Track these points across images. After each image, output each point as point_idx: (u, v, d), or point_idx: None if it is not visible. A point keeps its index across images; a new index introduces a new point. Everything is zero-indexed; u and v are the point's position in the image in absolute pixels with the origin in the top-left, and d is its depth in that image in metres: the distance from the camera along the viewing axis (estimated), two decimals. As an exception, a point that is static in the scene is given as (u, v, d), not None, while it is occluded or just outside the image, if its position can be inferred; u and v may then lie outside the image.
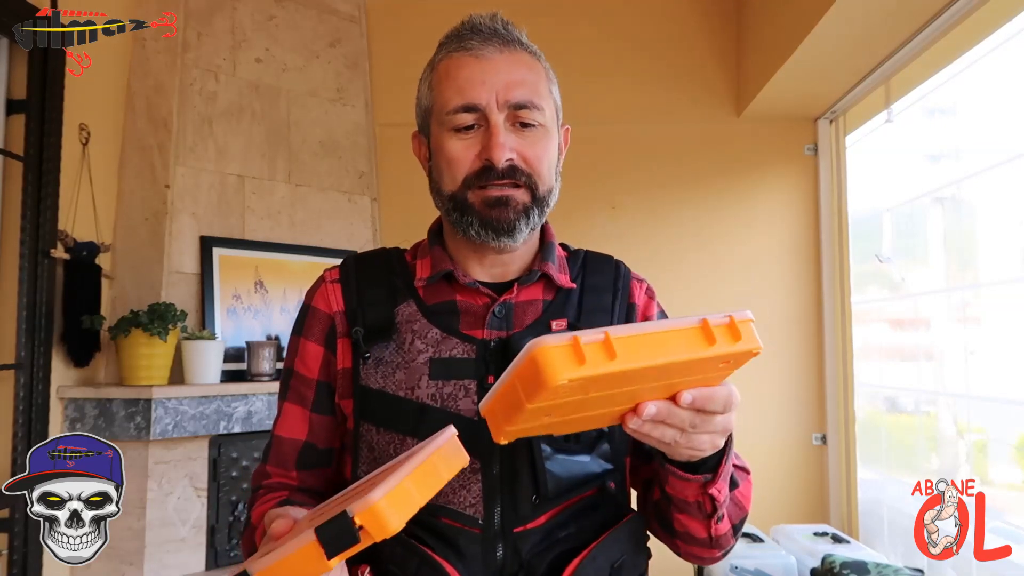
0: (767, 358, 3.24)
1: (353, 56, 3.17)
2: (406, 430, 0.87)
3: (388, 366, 0.89)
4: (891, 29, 2.45)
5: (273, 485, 0.95)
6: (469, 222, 0.90)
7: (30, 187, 2.18)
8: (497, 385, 0.64)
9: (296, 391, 0.96)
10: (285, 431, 0.96)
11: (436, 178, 0.94)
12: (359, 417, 0.90)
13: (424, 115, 0.97)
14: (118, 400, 2.32)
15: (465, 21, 0.93)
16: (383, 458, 0.88)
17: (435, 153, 0.94)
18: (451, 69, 0.91)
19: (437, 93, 0.93)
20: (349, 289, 0.95)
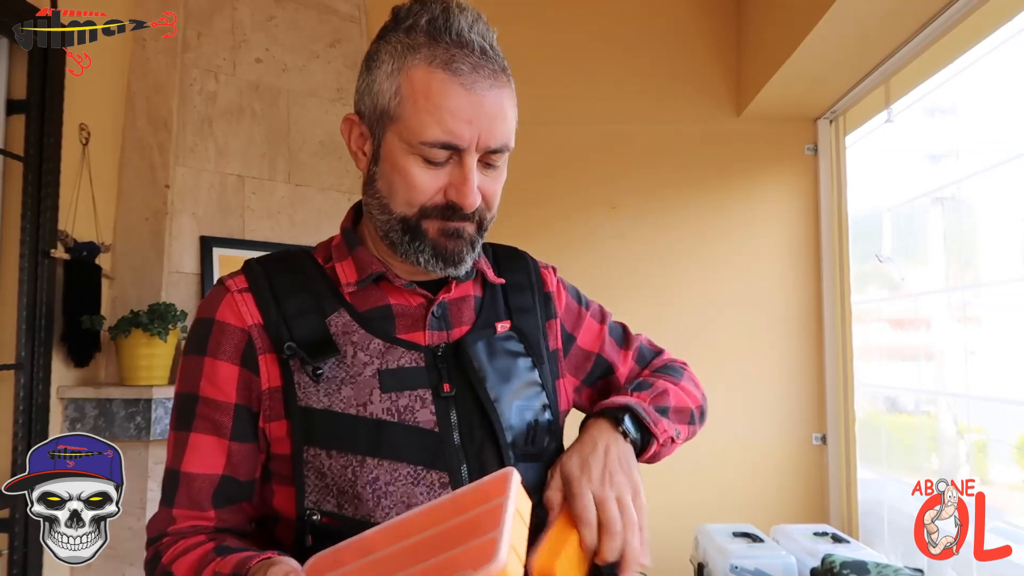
0: (767, 358, 3.26)
1: (353, 56, 3.17)
2: (364, 450, 0.80)
3: (331, 383, 0.81)
4: (891, 29, 2.45)
5: (184, 530, 0.82)
6: (420, 248, 0.84)
7: (30, 187, 2.18)
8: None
9: (207, 419, 0.83)
10: (196, 466, 0.83)
11: (383, 191, 0.84)
12: (302, 441, 0.81)
13: (379, 114, 0.82)
14: (118, 400, 2.32)
15: (447, 22, 0.81)
16: (340, 484, 0.80)
17: (389, 167, 0.83)
18: (434, 91, 0.79)
19: (411, 109, 0.80)
20: (263, 299, 0.84)
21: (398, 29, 0.83)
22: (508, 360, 0.90)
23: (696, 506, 3.07)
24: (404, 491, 0.80)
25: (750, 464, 3.20)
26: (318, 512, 0.80)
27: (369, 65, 0.84)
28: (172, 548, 0.81)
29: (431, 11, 0.81)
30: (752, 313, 3.28)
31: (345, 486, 0.80)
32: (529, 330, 0.95)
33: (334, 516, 0.80)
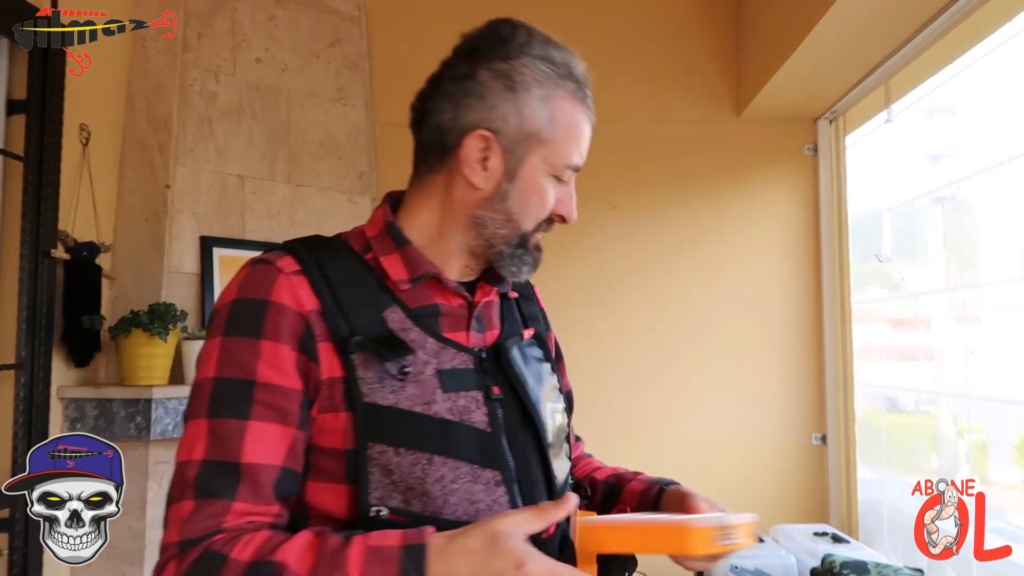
0: (767, 358, 3.26)
1: (353, 56, 3.17)
2: (433, 449, 0.81)
3: (392, 381, 0.81)
4: (891, 29, 2.46)
5: (243, 527, 0.76)
6: (525, 261, 0.90)
7: (30, 187, 2.18)
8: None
9: (269, 406, 0.79)
10: (259, 456, 0.77)
11: (515, 207, 0.88)
12: (367, 438, 0.80)
13: (524, 135, 0.87)
14: (118, 400, 2.32)
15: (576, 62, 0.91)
16: (407, 481, 0.80)
17: (527, 186, 0.88)
18: (577, 122, 0.90)
19: (562, 135, 0.88)
20: (318, 284, 0.83)
21: (531, 55, 0.88)
22: (536, 365, 0.95)
23: (696, 506, 3.07)
24: (466, 488, 0.82)
25: (750, 464, 3.20)
26: (385, 508, 0.79)
27: (512, 86, 0.87)
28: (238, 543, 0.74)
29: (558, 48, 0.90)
30: (752, 313, 3.28)
31: (413, 483, 0.80)
32: (543, 336, 1.02)
33: (401, 512, 0.80)
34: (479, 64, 0.88)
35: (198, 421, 0.79)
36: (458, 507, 0.81)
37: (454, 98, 0.87)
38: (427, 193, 0.91)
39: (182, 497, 0.76)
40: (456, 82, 0.88)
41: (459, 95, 0.87)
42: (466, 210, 0.89)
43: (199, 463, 0.77)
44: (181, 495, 0.76)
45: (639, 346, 3.27)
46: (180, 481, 0.77)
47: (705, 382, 3.24)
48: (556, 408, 0.95)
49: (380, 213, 0.93)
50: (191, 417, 0.80)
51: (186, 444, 0.79)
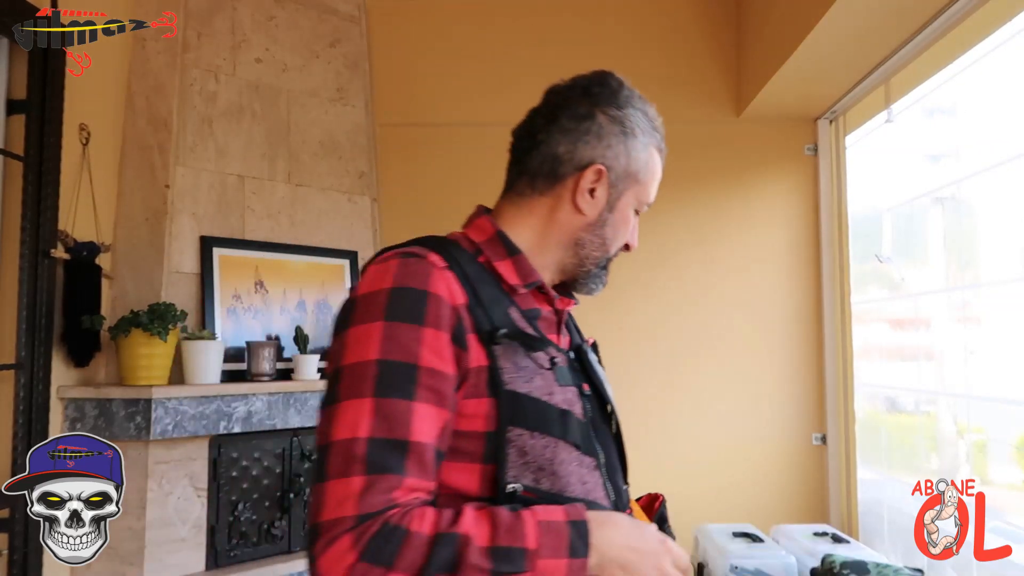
0: (767, 358, 3.26)
1: (353, 56, 3.17)
2: (557, 433, 0.91)
3: (526, 372, 0.91)
4: (891, 29, 2.46)
5: (412, 503, 0.81)
6: (602, 280, 1.06)
7: (30, 187, 2.18)
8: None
9: (431, 389, 0.84)
10: (424, 435, 0.82)
11: (609, 234, 1.03)
12: (508, 421, 0.88)
13: (627, 175, 1.01)
14: (118, 400, 2.32)
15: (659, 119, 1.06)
16: (539, 461, 0.89)
17: (620, 217, 1.03)
18: (659, 169, 1.06)
19: (649, 178, 1.04)
20: (464, 280, 0.91)
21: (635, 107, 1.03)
22: (600, 369, 1.09)
23: (696, 506, 3.07)
24: (579, 471, 0.93)
25: (750, 464, 3.20)
26: (519, 484, 0.87)
27: (625, 131, 1.01)
28: (414, 517, 0.78)
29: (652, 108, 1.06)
30: (752, 313, 3.28)
31: (544, 464, 0.89)
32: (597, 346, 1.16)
33: (532, 489, 0.88)
34: (596, 108, 1.01)
35: (362, 400, 0.82)
36: (576, 487, 0.91)
37: (572, 134, 1.00)
38: (529, 212, 1.01)
39: (349, 472, 0.78)
40: (575, 120, 1.00)
41: (578, 132, 1.00)
42: (569, 232, 1.01)
43: (367, 440, 0.80)
44: (348, 471, 0.78)
45: (639, 346, 3.27)
46: (345, 456, 0.79)
47: (705, 382, 3.24)
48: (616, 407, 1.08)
49: (486, 221, 1.01)
50: (350, 396, 0.82)
51: (346, 420, 0.81)
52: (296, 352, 2.72)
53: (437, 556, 0.76)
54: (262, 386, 2.54)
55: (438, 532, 0.78)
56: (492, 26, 3.36)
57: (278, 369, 2.67)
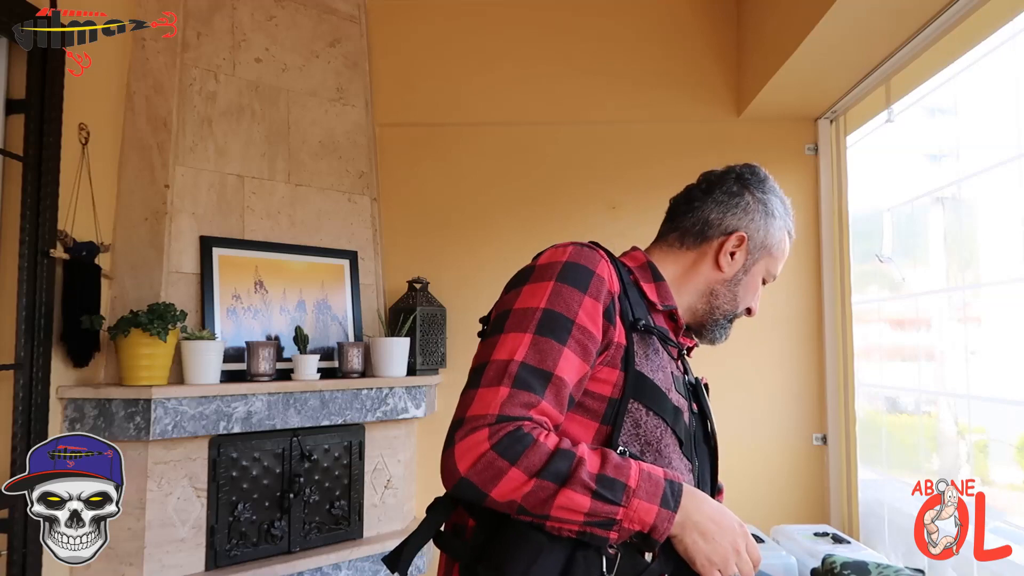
0: (767, 358, 3.25)
1: (353, 56, 3.17)
2: (669, 421, 1.05)
3: (652, 363, 1.06)
4: (891, 29, 2.45)
5: (543, 423, 0.95)
6: (725, 333, 1.22)
7: (30, 187, 2.18)
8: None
9: (579, 342, 0.99)
10: (566, 373, 0.97)
11: (740, 293, 1.20)
12: (631, 394, 1.02)
13: (763, 246, 1.21)
14: (118, 400, 2.32)
15: (791, 209, 1.27)
16: (648, 436, 1.03)
17: (751, 281, 1.21)
18: (786, 248, 1.25)
19: (777, 253, 1.23)
20: (620, 277, 1.09)
21: (777, 195, 1.25)
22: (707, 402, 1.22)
23: (696, 506, 3.07)
24: (678, 463, 1.07)
25: (750, 464, 3.20)
26: (627, 451, 0.99)
27: (767, 212, 1.22)
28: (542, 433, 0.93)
29: (786, 201, 1.27)
30: (752, 313, 3.28)
31: (652, 440, 1.04)
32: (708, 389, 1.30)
33: (636, 458, 0.98)
34: (746, 189, 1.23)
35: (523, 334, 0.98)
36: (673, 471, 1.02)
37: (723, 206, 1.22)
38: (674, 260, 1.22)
39: (499, 383, 0.94)
40: (727, 195, 1.23)
41: (728, 205, 1.22)
42: (706, 283, 1.20)
43: (520, 363, 0.96)
44: (498, 381, 0.94)
45: (639, 346, 3.27)
46: (498, 371, 0.95)
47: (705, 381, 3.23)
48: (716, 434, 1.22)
49: (639, 253, 1.22)
50: (514, 330, 0.99)
51: (507, 346, 0.97)
52: (296, 352, 2.72)
53: (553, 465, 0.90)
54: (262, 386, 2.54)
55: (558, 448, 0.92)
56: (492, 26, 3.36)
57: (278, 369, 2.67)
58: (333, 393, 2.73)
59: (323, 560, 2.67)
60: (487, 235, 3.27)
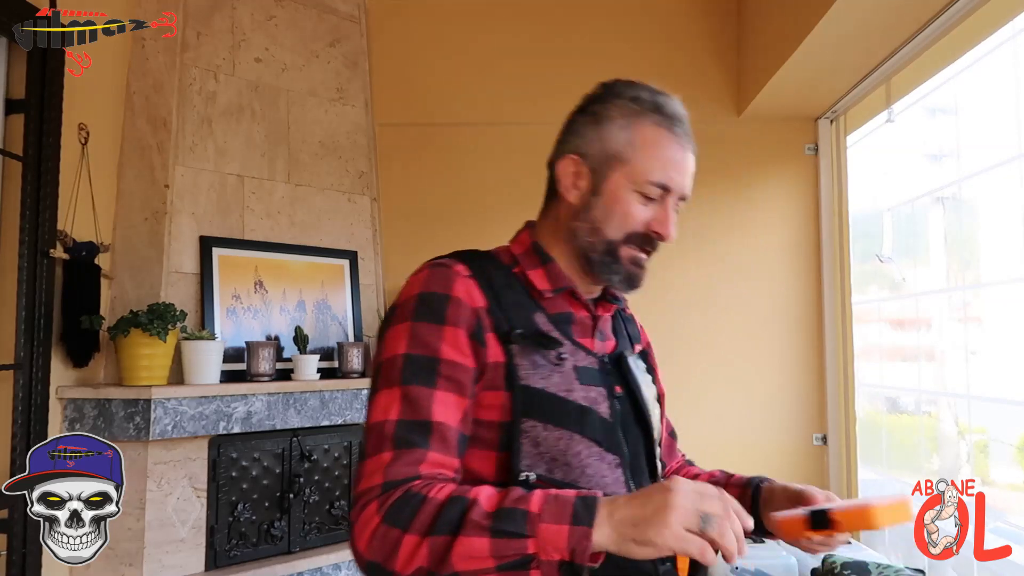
0: (767, 358, 3.25)
1: (353, 56, 3.17)
2: (573, 427, 0.96)
3: (543, 369, 0.98)
4: (891, 29, 2.45)
5: (436, 476, 0.89)
6: (615, 270, 1.05)
7: (29, 187, 2.18)
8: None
9: (449, 378, 0.93)
10: (445, 417, 0.91)
11: (599, 218, 1.04)
12: (521, 413, 0.95)
13: (606, 156, 1.04)
14: (117, 400, 2.32)
15: (667, 101, 1.06)
16: (552, 452, 0.95)
17: (610, 200, 1.04)
18: (660, 143, 1.04)
19: (640, 154, 1.02)
20: (485, 287, 1.00)
21: (621, 97, 1.07)
22: (644, 375, 1.12)
23: (696, 506, 3.07)
24: (597, 465, 0.97)
25: (750, 464, 3.19)
26: (532, 474, 0.93)
27: (597, 120, 1.06)
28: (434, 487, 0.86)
29: (651, 91, 1.07)
30: (752, 313, 3.28)
31: (557, 455, 0.95)
32: (647, 353, 1.20)
33: (545, 479, 0.93)
34: (575, 113, 1.11)
35: (392, 389, 0.93)
36: (591, 480, 0.96)
37: (558, 141, 1.10)
38: (547, 217, 1.10)
39: (381, 449, 0.89)
40: (562, 132, 1.10)
41: (561, 136, 1.10)
42: (565, 226, 1.07)
43: (395, 421, 0.90)
44: (380, 448, 0.89)
45: (639, 346, 3.27)
46: (378, 437, 0.90)
47: (705, 382, 3.23)
48: (655, 413, 1.11)
49: (526, 235, 1.11)
50: (384, 387, 0.94)
51: (380, 408, 0.92)
52: (296, 352, 2.72)
53: (445, 515, 0.82)
54: (262, 386, 2.54)
55: (451, 496, 0.84)
56: (492, 26, 3.36)
57: (278, 369, 2.67)
58: (333, 393, 2.73)
59: (323, 560, 2.67)
60: (487, 235, 3.25)
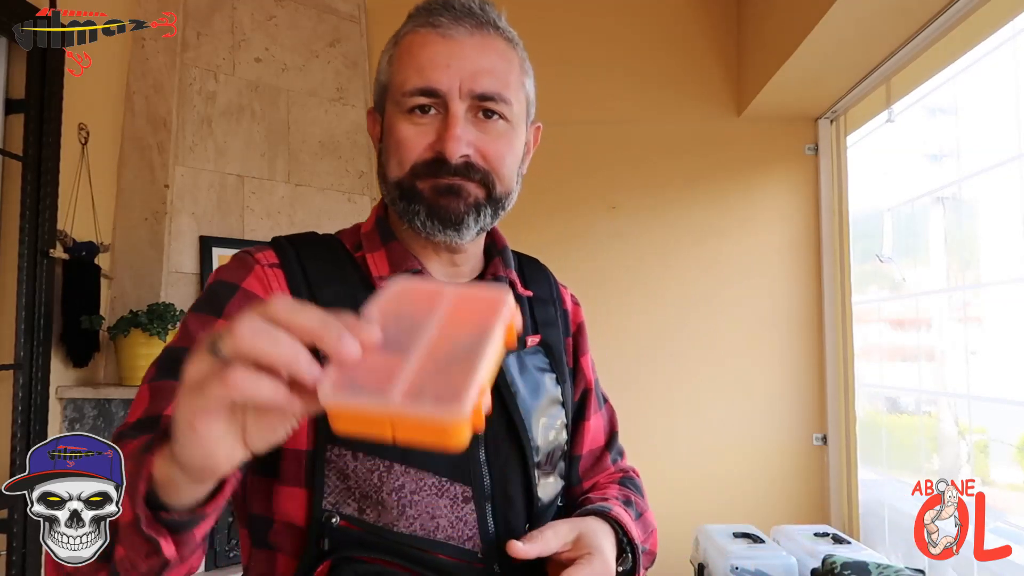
0: (767, 358, 3.25)
1: (353, 56, 3.17)
2: (392, 456, 0.76)
3: None
4: (891, 29, 2.45)
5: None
6: (416, 211, 0.82)
7: (29, 187, 2.18)
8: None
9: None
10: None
11: (383, 161, 0.86)
12: (325, 440, 0.76)
13: (381, 92, 0.87)
14: (117, 400, 2.32)
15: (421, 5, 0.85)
16: (363, 488, 0.76)
17: (386, 134, 0.85)
18: (414, 46, 0.82)
19: (396, 70, 0.83)
20: (294, 280, 0.81)
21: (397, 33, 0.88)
22: (536, 375, 0.89)
23: (696, 506, 3.07)
24: (429, 502, 0.78)
25: (750, 464, 3.20)
26: (337, 515, 0.76)
27: (379, 66, 0.89)
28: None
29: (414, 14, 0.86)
30: (752, 313, 3.28)
31: (369, 491, 0.76)
32: (554, 344, 0.94)
33: (353, 520, 0.76)
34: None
35: (143, 387, 0.75)
36: (416, 520, 0.77)
37: None
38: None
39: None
40: None
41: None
42: (383, 179, 0.87)
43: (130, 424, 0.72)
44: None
45: (638, 346, 3.27)
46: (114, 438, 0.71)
47: (705, 382, 3.23)
48: (552, 423, 0.88)
49: (375, 209, 0.91)
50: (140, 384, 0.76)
51: (130, 409, 0.75)
52: (296, 352, 2.72)
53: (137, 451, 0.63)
54: (262, 386, 2.54)
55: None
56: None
57: (278, 369, 2.67)
58: (333, 393, 2.73)
59: (323, 560, 2.67)
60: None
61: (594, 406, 1.01)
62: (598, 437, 1.01)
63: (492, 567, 0.79)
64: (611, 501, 0.90)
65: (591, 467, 0.99)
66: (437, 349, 0.51)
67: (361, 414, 0.48)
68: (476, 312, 0.54)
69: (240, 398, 0.46)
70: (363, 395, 0.48)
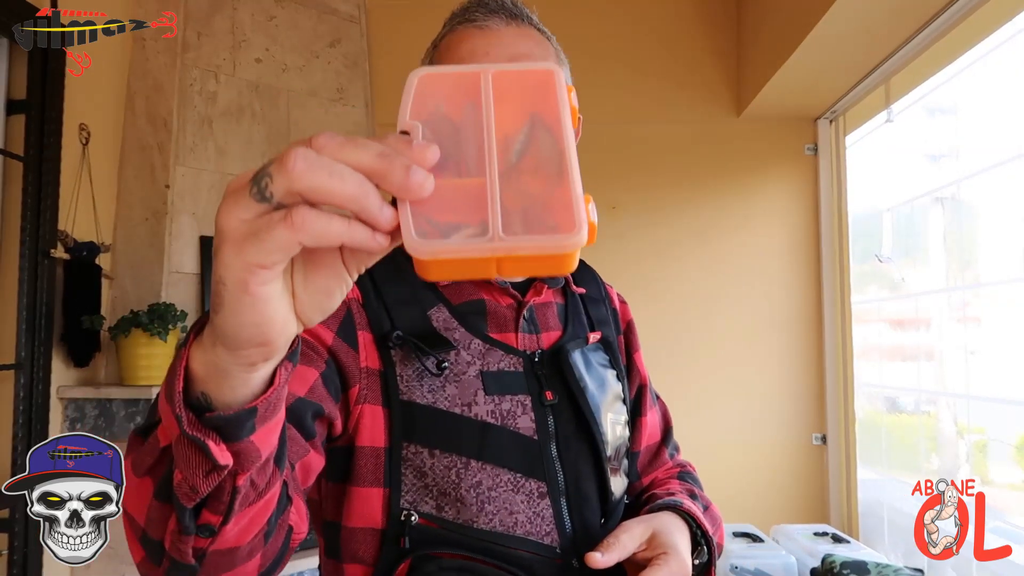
0: (767, 358, 3.25)
1: (353, 56, 3.17)
2: (469, 452, 0.77)
3: (435, 379, 0.78)
4: (891, 29, 2.45)
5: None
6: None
7: (30, 187, 2.18)
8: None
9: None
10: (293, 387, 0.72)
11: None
12: (401, 436, 0.76)
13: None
14: (118, 400, 2.32)
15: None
16: (441, 485, 0.76)
17: None
18: (452, 43, 0.84)
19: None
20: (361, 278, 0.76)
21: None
22: (601, 371, 0.89)
23: (696, 506, 3.07)
24: (506, 498, 0.78)
25: (750, 464, 3.20)
26: (415, 513, 0.76)
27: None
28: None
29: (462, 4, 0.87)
30: (752, 313, 3.28)
31: (447, 488, 0.76)
32: (612, 341, 0.94)
33: (432, 518, 0.76)
34: None
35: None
36: (495, 516, 0.77)
37: None
38: None
39: None
40: None
41: None
42: None
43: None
44: None
45: (639, 346, 3.27)
46: None
47: (704, 382, 3.24)
48: (618, 419, 0.89)
49: None
50: None
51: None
52: (296, 352, 2.72)
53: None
54: (262, 386, 2.54)
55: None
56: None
57: (278, 369, 2.67)
58: (333, 393, 2.73)
59: (323, 560, 2.67)
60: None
61: (649, 401, 1.01)
62: (655, 432, 1.02)
63: (571, 562, 0.79)
64: (679, 495, 0.90)
65: (649, 462, 1.00)
66: (507, 155, 0.43)
67: (459, 259, 0.41)
68: (528, 96, 0.45)
69: (310, 241, 0.38)
70: (458, 237, 0.41)
